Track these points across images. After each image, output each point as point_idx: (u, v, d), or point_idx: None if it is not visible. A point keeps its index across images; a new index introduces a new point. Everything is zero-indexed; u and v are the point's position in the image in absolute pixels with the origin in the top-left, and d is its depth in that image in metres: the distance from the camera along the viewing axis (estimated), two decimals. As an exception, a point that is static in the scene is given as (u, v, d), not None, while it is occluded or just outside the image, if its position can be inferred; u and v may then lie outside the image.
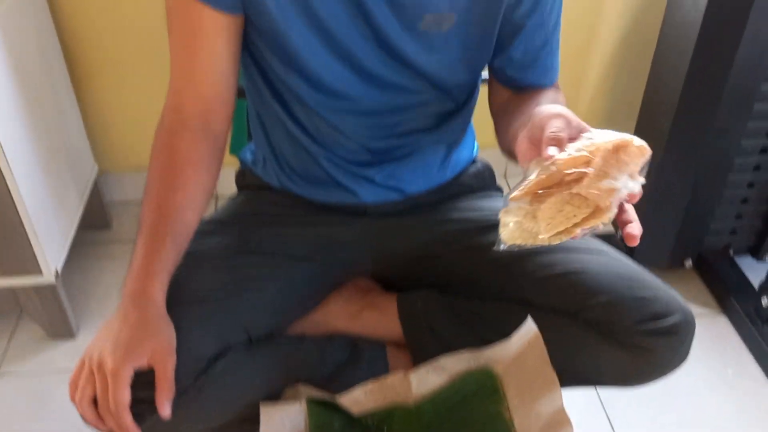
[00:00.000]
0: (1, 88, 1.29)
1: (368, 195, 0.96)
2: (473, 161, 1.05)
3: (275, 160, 0.99)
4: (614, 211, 0.62)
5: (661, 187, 1.53)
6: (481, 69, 0.93)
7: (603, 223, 0.62)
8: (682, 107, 1.41)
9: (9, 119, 1.32)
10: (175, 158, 0.83)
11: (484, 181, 1.05)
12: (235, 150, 1.91)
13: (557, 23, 0.88)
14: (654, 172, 1.52)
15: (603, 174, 0.61)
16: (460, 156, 1.02)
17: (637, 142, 0.63)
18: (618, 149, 0.62)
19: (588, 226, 0.62)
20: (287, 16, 0.80)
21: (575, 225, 0.62)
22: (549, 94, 0.89)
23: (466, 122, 1.00)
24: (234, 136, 1.88)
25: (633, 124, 1.64)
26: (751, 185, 1.56)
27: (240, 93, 0.92)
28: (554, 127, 0.65)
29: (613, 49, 1.84)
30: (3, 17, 1.31)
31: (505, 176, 2.02)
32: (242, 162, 1.08)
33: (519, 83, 0.92)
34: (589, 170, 0.61)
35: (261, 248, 0.92)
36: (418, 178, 0.98)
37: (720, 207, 1.58)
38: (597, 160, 0.61)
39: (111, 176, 1.88)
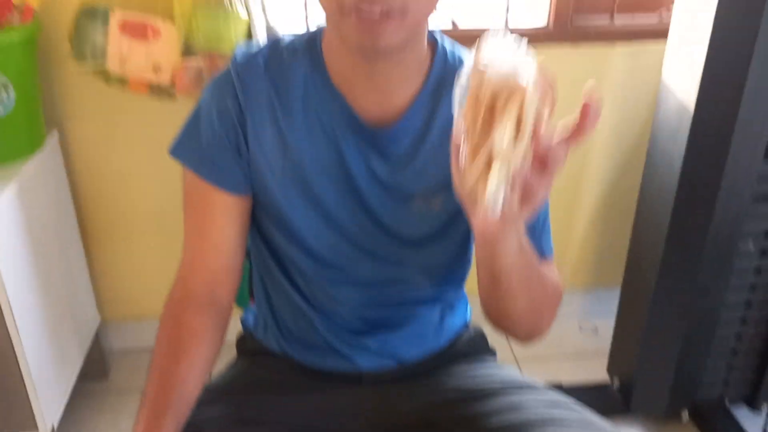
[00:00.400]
0: (13, 246, 1.36)
1: (364, 362, 0.99)
2: (466, 327, 1.09)
3: (276, 325, 1.03)
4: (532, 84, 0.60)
5: (652, 340, 1.56)
6: (469, 244, 0.97)
7: (528, 100, 0.60)
8: (665, 266, 1.47)
9: (19, 278, 1.37)
10: (181, 330, 0.88)
11: (478, 347, 1.08)
12: (238, 302, 1.96)
13: (545, 206, 0.92)
14: (644, 326, 1.56)
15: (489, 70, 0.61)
16: (454, 322, 1.06)
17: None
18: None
19: (526, 113, 0.60)
20: (289, 197, 0.88)
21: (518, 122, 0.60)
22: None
23: (459, 291, 1.05)
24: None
25: (619, 281, 1.71)
26: (738, 337, 1.59)
27: (246, 254, 0.98)
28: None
29: (595, 211, 1.95)
30: (23, 180, 1.41)
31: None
32: (244, 326, 1.12)
33: None
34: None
35: (260, 418, 0.94)
36: (413, 346, 1.01)
37: (711, 359, 1.60)
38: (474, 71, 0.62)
39: (112, 325, 1.91)
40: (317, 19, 1.68)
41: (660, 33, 1.70)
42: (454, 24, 1.75)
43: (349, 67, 0.84)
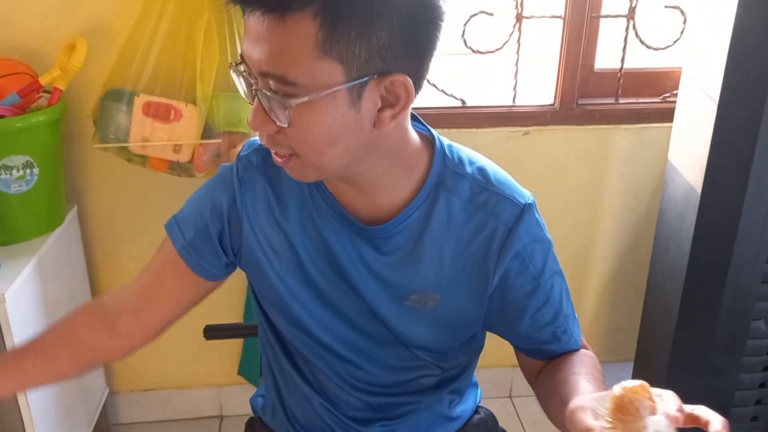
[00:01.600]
0: (29, 319, 1.37)
1: None
2: (476, 410, 1.09)
3: (283, 411, 1.03)
4: None
5: (665, 420, 1.55)
6: (471, 338, 0.96)
7: None
8: (677, 346, 1.48)
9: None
10: (76, 330, 0.95)
11: (488, 430, 1.08)
12: (242, 372, 1.94)
13: (562, 292, 0.92)
14: (657, 406, 1.55)
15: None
16: (464, 408, 1.06)
17: (629, 384, 0.67)
18: (622, 405, 0.66)
19: None
20: (288, 284, 0.91)
21: None
22: (576, 365, 0.89)
23: (468, 378, 1.05)
24: (245, 359, 1.92)
25: (630, 355, 1.70)
26: (754, 419, 1.58)
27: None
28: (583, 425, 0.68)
29: (604, 287, 1.97)
30: (41, 255, 1.43)
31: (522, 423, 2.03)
32: (253, 409, 1.12)
33: (542, 354, 0.94)
34: None
35: None
36: None
37: (727, 440, 1.58)
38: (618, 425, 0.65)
39: (119, 397, 1.90)
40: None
41: (664, 115, 1.75)
42: (462, 102, 1.80)
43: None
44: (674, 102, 1.56)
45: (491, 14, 1.67)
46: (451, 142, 0.91)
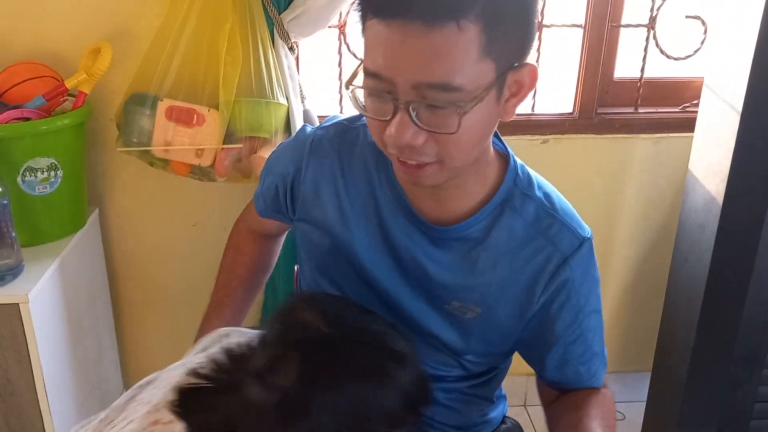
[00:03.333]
0: (50, 320, 1.39)
1: None
2: (503, 421, 1.09)
3: None
4: None
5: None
6: (504, 352, 0.97)
7: None
8: (696, 358, 1.47)
9: (53, 346, 1.40)
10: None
11: (515, 439, 1.09)
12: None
13: (597, 330, 0.93)
14: (676, 418, 1.54)
15: None
16: (492, 416, 1.06)
17: None
18: None
19: None
20: (336, 259, 0.94)
21: None
22: (592, 408, 0.89)
23: (496, 386, 1.05)
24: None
25: (647, 366, 1.69)
26: (774, 432, 1.56)
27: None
28: None
29: (623, 296, 1.96)
30: (63, 256, 1.45)
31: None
32: None
33: (561, 386, 0.95)
34: None
35: None
36: None
37: (745, 453, 1.57)
38: None
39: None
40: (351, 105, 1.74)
41: (684, 125, 1.75)
42: (482, 111, 1.81)
43: None
44: (694, 112, 1.55)
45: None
46: (523, 163, 0.93)
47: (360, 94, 0.78)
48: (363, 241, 0.91)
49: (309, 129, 0.98)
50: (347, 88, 0.78)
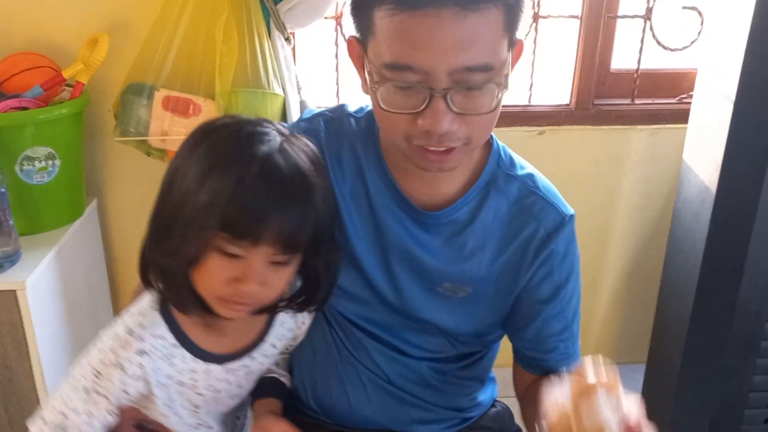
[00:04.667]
0: (48, 309, 1.40)
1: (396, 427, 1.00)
2: (493, 404, 1.10)
3: (308, 390, 1.03)
4: None
5: (678, 421, 1.54)
6: (495, 329, 0.98)
7: None
8: (691, 347, 1.47)
9: (51, 336, 1.41)
10: None
11: (504, 424, 1.09)
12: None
13: (576, 311, 0.94)
14: (671, 407, 1.54)
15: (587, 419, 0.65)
16: (481, 399, 1.07)
17: (592, 379, 0.68)
18: (583, 395, 0.67)
19: None
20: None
21: None
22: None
23: (486, 369, 1.06)
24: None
25: (643, 357, 1.70)
26: (768, 421, 1.57)
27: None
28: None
29: (618, 286, 1.96)
30: (61, 246, 1.46)
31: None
32: None
33: (539, 366, 0.96)
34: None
35: None
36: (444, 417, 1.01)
37: (740, 442, 1.57)
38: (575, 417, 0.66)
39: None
40: (348, 95, 1.75)
41: (680, 116, 1.75)
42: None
43: (401, 159, 0.88)
44: (690, 103, 1.56)
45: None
46: (505, 145, 0.94)
47: (380, 93, 0.77)
48: (354, 228, 0.92)
49: (289, 123, 0.98)
50: (374, 88, 0.77)
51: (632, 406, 0.68)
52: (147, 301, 0.87)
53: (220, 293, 0.80)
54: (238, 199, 0.74)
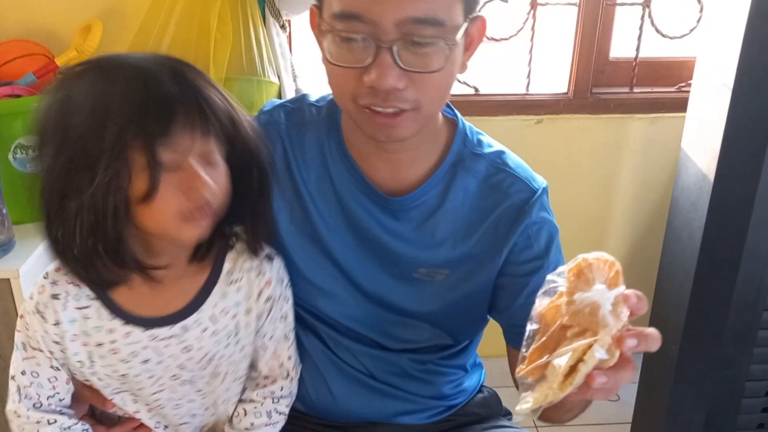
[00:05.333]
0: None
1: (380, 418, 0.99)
2: (480, 390, 1.09)
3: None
4: (612, 329, 0.60)
5: (676, 411, 1.54)
6: (476, 314, 0.96)
7: (602, 345, 0.60)
8: (688, 336, 1.47)
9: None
10: None
11: (491, 409, 1.08)
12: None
13: None
14: (668, 396, 1.54)
15: (578, 300, 0.62)
16: (468, 385, 1.06)
17: (593, 256, 0.65)
18: (580, 274, 0.64)
19: (591, 358, 0.60)
20: (296, 242, 0.91)
21: (579, 361, 0.61)
22: None
23: (471, 354, 1.05)
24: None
25: (641, 353, 1.69)
26: (765, 410, 1.56)
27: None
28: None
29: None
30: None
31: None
32: None
33: None
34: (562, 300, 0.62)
35: None
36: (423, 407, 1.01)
37: (737, 431, 1.57)
38: (567, 295, 0.63)
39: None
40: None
41: (679, 104, 1.74)
42: (476, 90, 1.80)
43: (362, 142, 0.87)
44: (689, 92, 1.55)
45: (506, 1, 1.67)
46: (472, 126, 0.93)
47: (326, 43, 0.76)
48: (324, 220, 0.91)
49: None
50: (320, 39, 0.76)
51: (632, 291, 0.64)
52: None
53: (180, 211, 0.73)
54: (137, 103, 0.70)
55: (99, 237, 0.73)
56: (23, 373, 0.84)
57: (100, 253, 0.74)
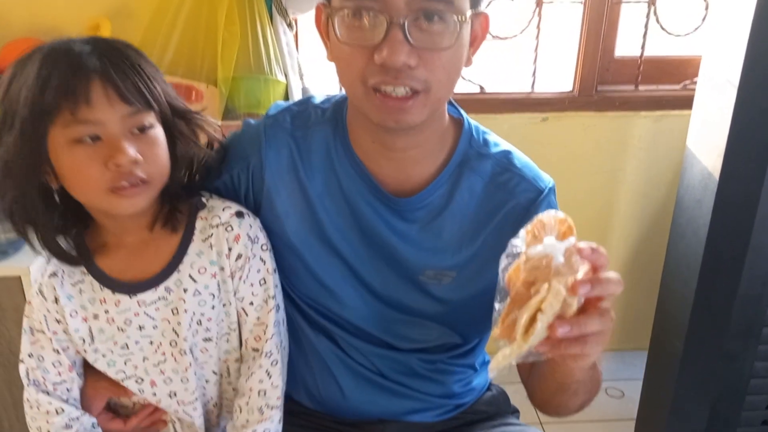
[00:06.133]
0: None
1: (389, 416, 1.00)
2: (488, 388, 1.10)
3: (298, 381, 1.04)
4: (564, 276, 0.62)
5: (680, 407, 1.55)
6: (483, 313, 0.96)
7: (555, 293, 0.61)
8: (692, 333, 1.47)
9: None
10: None
11: (499, 407, 1.09)
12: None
13: None
14: (672, 393, 1.55)
15: (531, 254, 0.64)
16: (476, 383, 1.07)
17: (546, 215, 0.67)
18: (535, 232, 0.66)
19: (548, 307, 0.61)
20: (307, 242, 0.92)
21: (538, 311, 0.62)
22: None
23: (480, 354, 1.06)
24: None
25: (645, 344, 1.70)
26: (769, 407, 1.57)
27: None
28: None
29: (621, 273, 1.95)
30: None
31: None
32: None
33: None
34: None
35: None
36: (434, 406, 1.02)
37: (741, 428, 1.58)
38: (524, 254, 0.65)
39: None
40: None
41: (684, 102, 1.74)
42: (481, 88, 1.81)
43: (369, 141, 0.88)
44: (694, 89, 1.55)
45: (511, -1, 1.67)
46: (479, 125, 0.93)
47: (337, 22, 0.77)
48: (332, 220, 0.91)
49: (253, 121, 0.96)
50: (332, 20, 0.76)
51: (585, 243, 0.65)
52: None
53: (104, 183, 0.78)
54: (48, 75, 0.75)
55: (30, 207, 0.81)
56: (30, 355, 0.90)
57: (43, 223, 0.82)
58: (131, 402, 0.95)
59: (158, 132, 0.82)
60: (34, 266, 0.87)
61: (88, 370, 0.93)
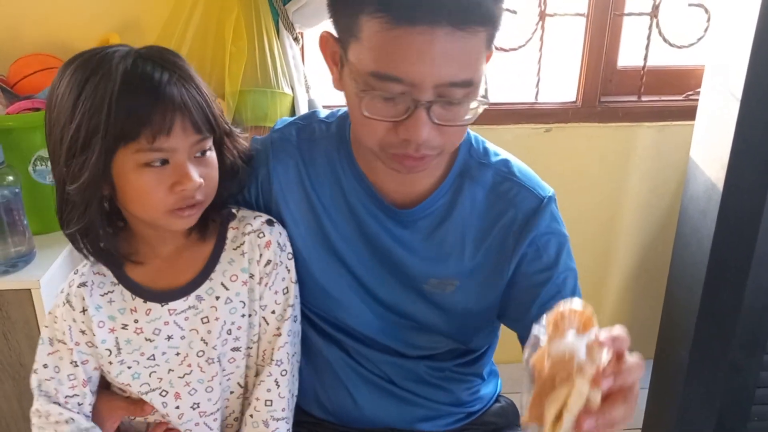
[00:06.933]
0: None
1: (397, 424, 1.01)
2: (497, 399, 1.11)
3: (308, 390, 1.05)
4: (587, 373, 0.62)
5: (685, 417, 1.55)
6: (487, 322, 0.99)
7: (580, 390, 0.61)
8: (697, 343, 1.48)
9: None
10: None
11: (508, 419, 1.10)
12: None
13: (575, 289, 0.93)
14: (678, 403, 1.55)
15: (553, 350, 0.64)
16: (484, 393, 1.08)
17: (565, 306, 0.67)
18: (556, 324, 0.66)
19: (574, 404, 0.62)
20: (314, 253, 0.94)
21: (563, 408, 0.63)
22: None
23: (486, 364, 1.07)
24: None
25: (650, 353, 1.71)
26: (775, 417, 1.57)
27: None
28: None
29: (625, 283, 1.97)
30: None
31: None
32: None
33: None
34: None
35: None
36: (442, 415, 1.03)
37: (747, 438, 1.58)
38: (547, 346, 0.65)
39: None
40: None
41: (687, 113, 1.76)
42: (486, 100, 1.82)
43: (371, 158, 0.89)
44: (697, 100, 1.56)
45: (515, 12, 1.68)
46: (477, 135, 0.95)
47: (364, 99, 0.77)
48: (338, 231, 0.93)
49: (260, 137, 0.99)
50: (359, 96, 0.77)
51: (606, 332, 0.65)
52: None
53: (167, 206, 0.81)
54: (131, 105, 0.77)
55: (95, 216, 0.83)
56: (45, 366, 0.90)
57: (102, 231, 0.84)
58: (146, 422, 0.96)
59: (214, 154, 0.85)
60: (53, 293, 0.88)
61: (101, 389, 0.94)
